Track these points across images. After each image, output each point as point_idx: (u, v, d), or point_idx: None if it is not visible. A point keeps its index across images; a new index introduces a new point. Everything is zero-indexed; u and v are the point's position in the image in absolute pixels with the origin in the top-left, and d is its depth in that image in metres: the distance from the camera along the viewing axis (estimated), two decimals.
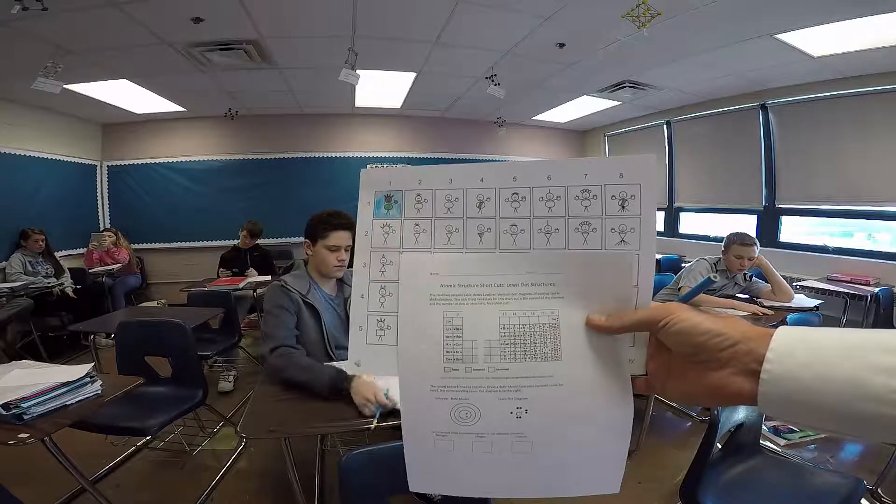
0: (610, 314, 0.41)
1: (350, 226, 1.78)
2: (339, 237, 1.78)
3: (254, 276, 3.98)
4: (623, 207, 0.42)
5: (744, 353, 0.34)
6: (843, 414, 0.30)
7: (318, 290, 1.82)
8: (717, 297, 2.66)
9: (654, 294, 0.44)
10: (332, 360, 1.67)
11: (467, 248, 0.44)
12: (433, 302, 0.44)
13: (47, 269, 4.04)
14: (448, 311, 0.43)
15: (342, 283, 1.93)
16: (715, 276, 2.55)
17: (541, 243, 0.43)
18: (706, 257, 2.83)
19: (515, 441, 0.42)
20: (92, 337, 2.61)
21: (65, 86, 3.41)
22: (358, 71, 3.34)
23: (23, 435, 1.23)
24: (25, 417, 1.28)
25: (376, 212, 0.46)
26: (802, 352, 0.32)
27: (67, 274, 4.19)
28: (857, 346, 0.30)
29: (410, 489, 0.44)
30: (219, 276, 4.06)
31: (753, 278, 2.80)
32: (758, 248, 2.65)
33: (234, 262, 4.19)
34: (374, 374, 0.45)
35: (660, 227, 5.73)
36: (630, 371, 0.42)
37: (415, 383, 0.43)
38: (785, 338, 0.33)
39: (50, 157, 4.73)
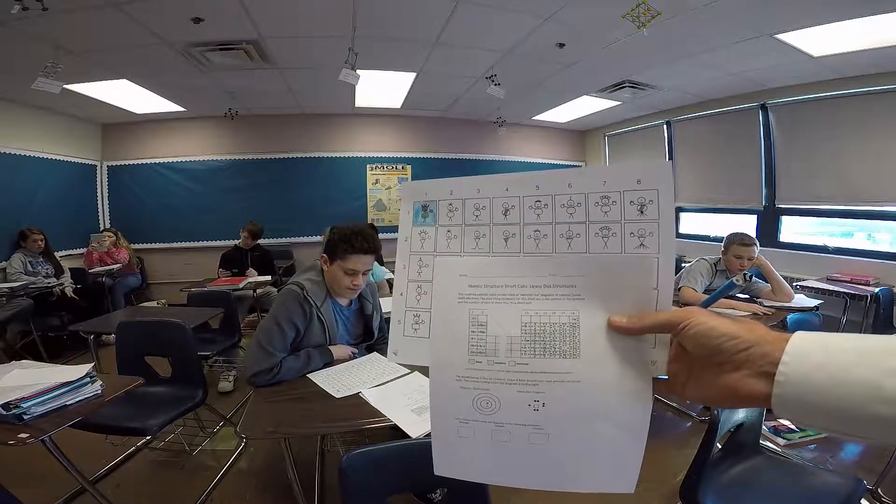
0: (630, 316, 0.42)
1: (373, 250, 1.64)
2: (358, 261, 1.62)
3: (254, 277, 3.98)
4: (641, 212, 0.44)
5: (759, 355, 0.35)
6: (856, 416, 0.30)
7: (333, 301, 1.73)
8: None
9: None
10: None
11: (493, 252, 0.48)
12: (461, 300, 0.47)
13: (47, 269, 4.04)
14: (474, 308, 0.47)
15: (361, 298, 1.83)
16: (738, 280, 2.55)
17: (562, 247, 0.46)
18: (706, 257, 2.82)
19: (532, 432, 0.44)
20: (91, 336, 2.61)
21: (65, 86, 3.40)
22: (358, 71, 3.34)
23: (23, 435, 1.23)
24: (25, 417, 1.28)
25: (415, 220, 0.51)
26: (817, 356, 0.32)
27: (67, 274, 4.18)
28: (872, 351, 0.31)
29: (435, 472, 0.47)
30: (219, 276, 4.07)
31: (753, 278, 2.80)
32: (758, 248, 2.65)
33: (234, 261, 4.19)
34: (409, 362, 0.49)
35: None
36: (652, 373, 0.42)
37: (442, 372, 0.47)
38: (800, 342, 0.34)
39: (50, 157, 4.73)
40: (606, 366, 0.43)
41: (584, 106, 5.33)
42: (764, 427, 1.78)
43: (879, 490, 1.80)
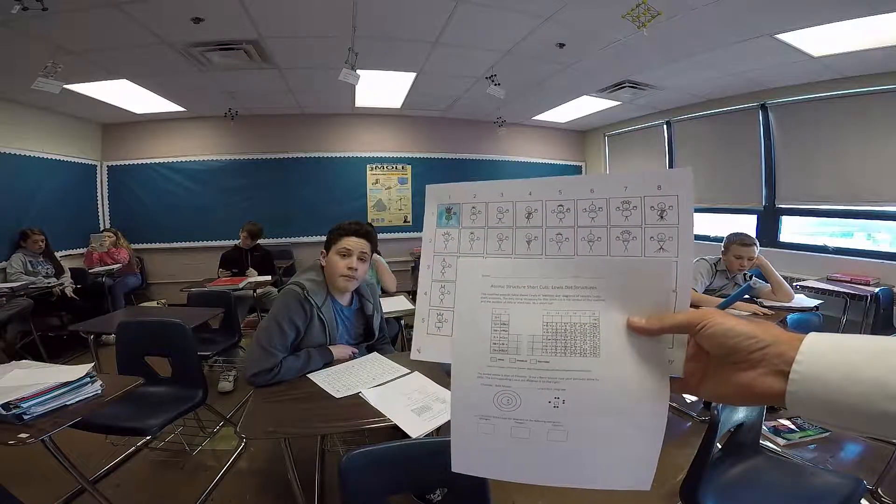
0: (650, 317, 0.43)
1: (367, 235, 1.71)
2: (352, 242, 1.67)
3: (254, 277, 3.98)
4: (662, 217, 0.45)
5: (775, 354, 0.36)
6: (868, 413, 0.31)
7: (333, 301, 1.73)
8: (717, 297, 2.66)
9: None
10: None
11: (516, 254, 0.49)
12: (484, 300, 0.48)
13: (48, 269, 4.04)
14: (497, 308, 0.48)
15: (362, 298, 1.84)
16: (755, 283, 2.55)
17: (584, 250, 0.47)
18: (706, 257, 2.82)
19: (552, 429, 0.44)
20: (91, 337, 2.61)
21: (65, 86, 3.40)
22: (358, 71, 3.34)
23: (23, 435, 1.23)
24: (25, 417, 1.28)
25: (438, 222, 0.53)
26: (831, 355, 0.34)
27: (67, 274, 4.19)
28: (883, 350, 0.32)
29: (453, 469, 0.47)
30: (219, 276, 4.07)
31: (753, 278, 2.80)
32: (757, 248, 2.65)
33: (234, 261, 4.20)
34: (432, 359, 0.50)
35: None
36: (669, 371, 0.43)
37: (464, 370, 0.48)
38: (815, 342, 0.35)
39: (50, 157, 4.73)
40: (625, 365, 0.44)
41: (584, 106, 5.32)
42: (764, 427, 1.78)
43: (879, 490, 1.80)
